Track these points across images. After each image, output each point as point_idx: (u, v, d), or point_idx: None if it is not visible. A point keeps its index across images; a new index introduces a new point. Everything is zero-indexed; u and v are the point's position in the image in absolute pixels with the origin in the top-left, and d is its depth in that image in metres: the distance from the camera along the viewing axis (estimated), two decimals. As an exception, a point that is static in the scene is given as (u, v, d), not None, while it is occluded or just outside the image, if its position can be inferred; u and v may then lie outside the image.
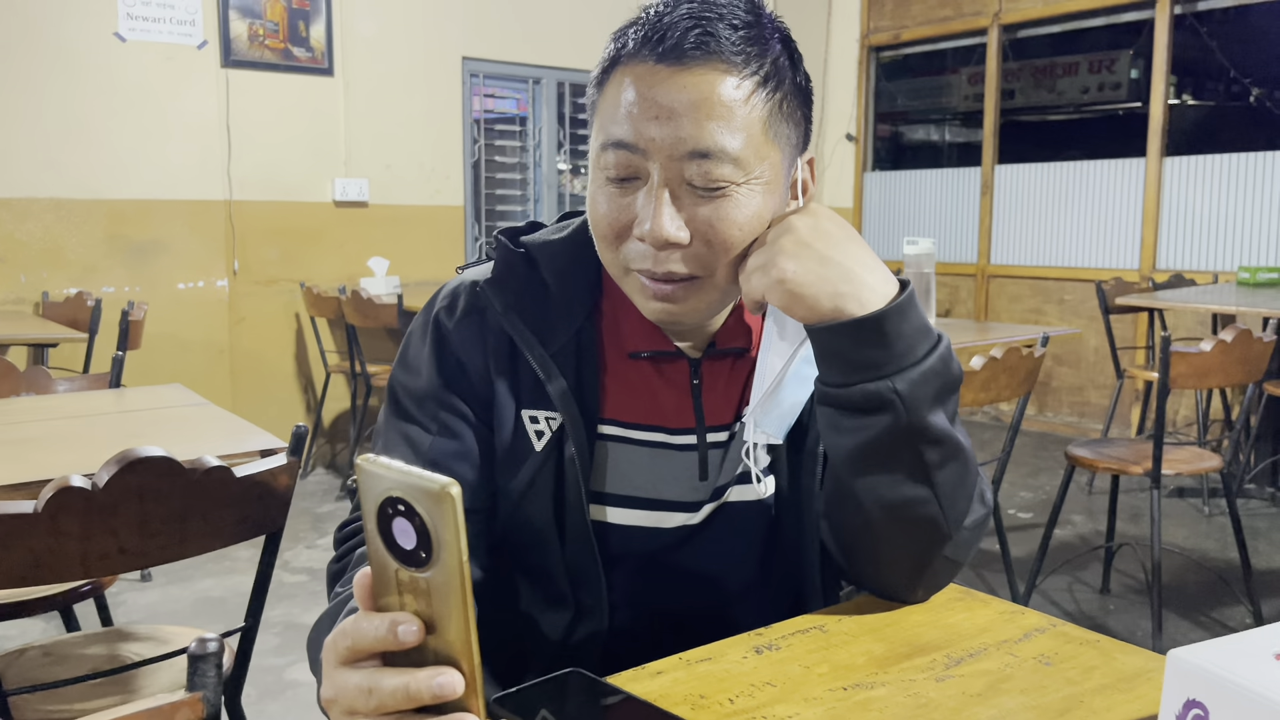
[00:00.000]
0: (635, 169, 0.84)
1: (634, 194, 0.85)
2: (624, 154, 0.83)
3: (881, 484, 0.83)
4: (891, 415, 0.80)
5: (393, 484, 0.57)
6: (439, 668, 0.58)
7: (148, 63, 4.28)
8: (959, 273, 5.96)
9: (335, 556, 0.92)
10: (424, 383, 0.92)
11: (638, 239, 0.85)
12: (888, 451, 0.82)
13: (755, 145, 0.83)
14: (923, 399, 0.80)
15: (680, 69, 0.81)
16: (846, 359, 0.80)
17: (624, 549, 0.94)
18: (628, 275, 0.88)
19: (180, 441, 1.65)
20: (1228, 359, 2.67)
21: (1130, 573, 3.36)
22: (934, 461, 0.82)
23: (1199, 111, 5.73)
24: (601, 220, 0.87)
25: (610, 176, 0.85)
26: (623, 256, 0.87)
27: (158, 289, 4.38)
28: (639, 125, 0.82)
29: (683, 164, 0.82)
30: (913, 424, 0.80)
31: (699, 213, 0.83)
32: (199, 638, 0.71)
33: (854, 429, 0.82)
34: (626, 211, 0.85)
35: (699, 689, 0.74)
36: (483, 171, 5.32)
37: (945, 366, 0.81)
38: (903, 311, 0.80)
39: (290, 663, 2.70)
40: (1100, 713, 0.71)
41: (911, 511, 0.83)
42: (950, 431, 0.83)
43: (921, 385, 0.80)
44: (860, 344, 0.80)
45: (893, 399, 0.79)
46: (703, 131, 0.81)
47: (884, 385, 0.79)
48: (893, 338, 0.79)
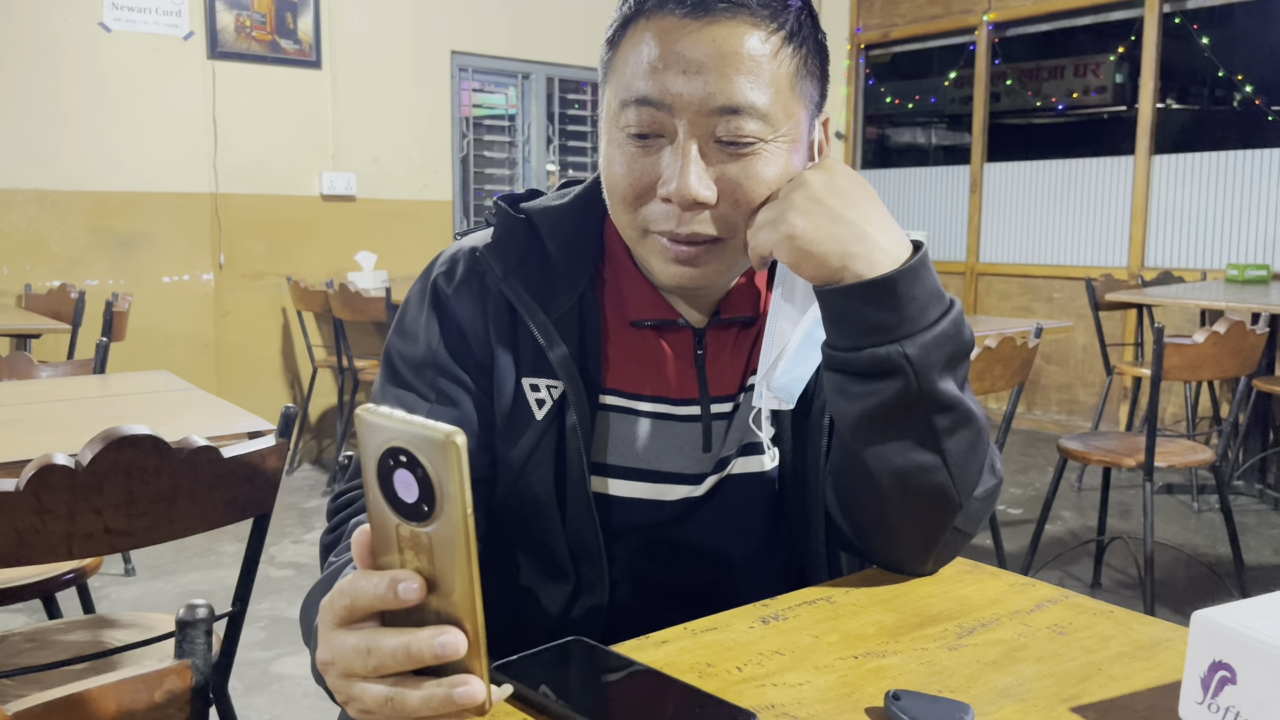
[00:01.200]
0: (659, 126, 0.81)
1: (656, 153, 0.82)
2: (648, 110, 0.80)
3: (890, 451, 0.81)
4: (901, 380, 0.78)
5: (394, 434, 0.54)
6: (441, 627, 0.56)
7: (133, 54, 4.23)
8: (948, 271, 5.96)
9: (328, 527, 0.90)
10: (421, 349, 0.90)
11: (662, 199, 0.82)
12: (897, 418, 0.79)
13: (783, 101, 0.81)
14: (933, 364, 0.78)
15: (708, 22, 0.79)
16: (855, 322, 0.78)
17: (626, 521, 0.92)
18: (646, 238, 0.85)
19: (166, 423, 1.62)
20: (1220, 351, 2.67)
21: (1121, 567, 3.36)
22: (944, 428, 0.80)
23: (1186, 110, 5.75)
24: (621, 180, 0.84)
25: (631, 133, 0.82)
26: (642, 218, 0.84)
27: (142, 282, 4.33)
28: (665, 80, 0.79)
29: (711, 120, 0.80)
30: (923, 390, 0.78)
31: (727, 171, 0.81)
32: (188, 604, 0.69)
33: (862, 394, 0.80)
34: (649, 171, 0.82)
35: (706, 657, 0.72)
36: (471, 167, 5.29)
37: (957, 331, 0.79)
38: (915, 274, 0.78)
39: (277, 655, 2.66)
40: (1121, 680, 0.69)
41: (921, 480, 0.81)
42: (961, 398, 0.81)
43: (933, 350, 0.78)
44: (870, 306, 0.77)
45: (902, 364, 0.77)
46: (732, 86, 0.79)
47: (894, 349, 0.77)
48: (904, 301, 0.77)
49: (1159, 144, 5.16)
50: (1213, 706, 0.61)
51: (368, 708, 0.57)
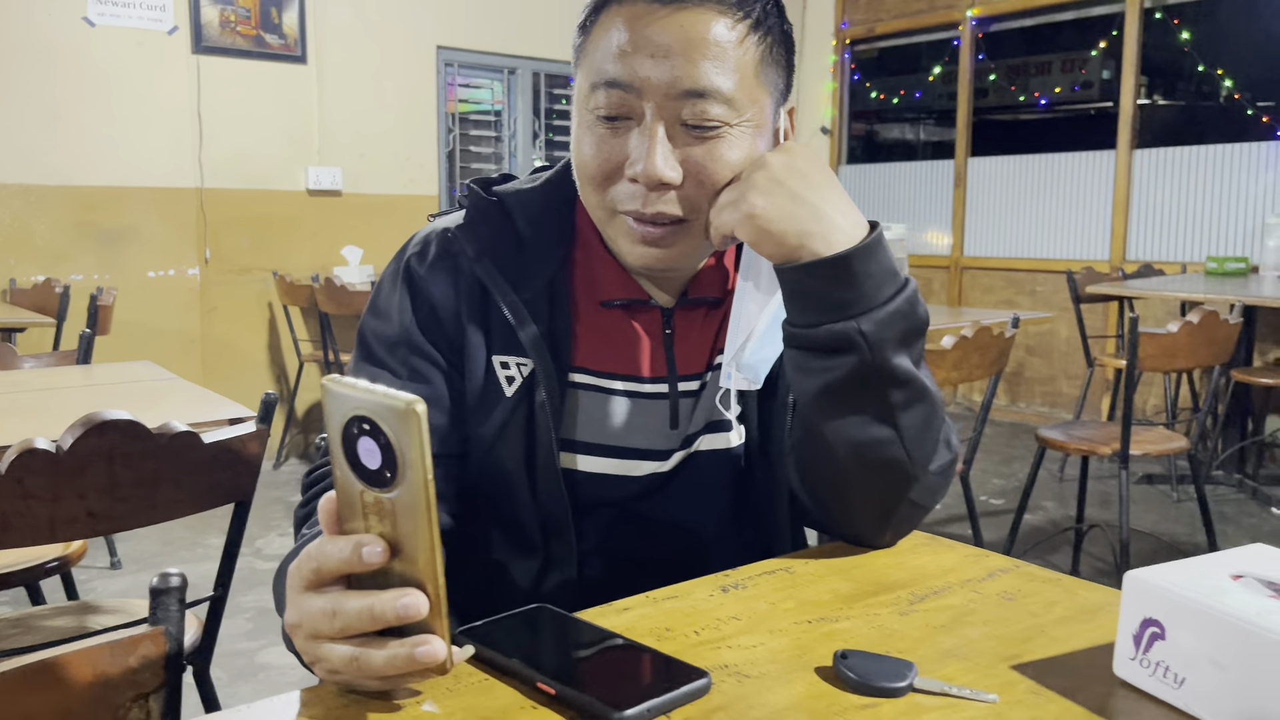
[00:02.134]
0: (628, 108, 0.84)
1: (624, 134, 0.85)
2: (616, 93, 0.83)
3: (847, 425, 0.84)
4: (857, 356, 0.80)
5: (358, 403, 0.57)
6: (403, 589, 0.58)
7: (117, 48, 4.23)
8: (933, 264, 6.00)
9: (302, 501, 0.92)
10: (394, 328, 0.92)
11: (629, 179, 0.85)
12: (853, 392, 0.82)
13: (748, 87, 0.84)
14: (888, 340, 0.81)
15: (676, 8, 0.82)
16: (813, 299, 0.81)
17: (594, 497, 0.94)
18: (613, 219, 0.88)
19: (148, 410, 1.64)
20: (1195, 340, 2.71)
21: (1099, 555, 3.40)
22: (898, 403, 0.83)
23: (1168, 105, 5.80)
24: (590, 161, 0.86)
25: (600, 115, 0.85)
26: (610, 199, 0.87)
27: (127, 277, 4.34)
28: (633, 63, 0.82)
29: (677, 103, 0.82)
30: (878, 364, 0.81)
31: (692, 153, 0.84)
32: (161, 572, 0.71)
33: (820, 370, 0.82)
34: (617, 152, 0.85)
35: (665, 623, 0.74)
36: (457, 162, 5.30)
37: (911, 309, 0.82)
38: (870, 252, 0.80)
39: (262, 646, 2.68)
40: (1061, 640, 0.71)
41: (877, 453, 0.84)
42: (915, 374, 0.83)
43: (887, 326, 0.80)
44: (827, 284, 0.80)
45: (858, 339, 0.80)
46: (698, 70, 0.82)
47: (850, 325, 0.80)
48: (859, 278, 0.80)
49: (1141, 138, 5.21)
50: (1144, 662, 0.64)
51: (334, 667, 0.60)
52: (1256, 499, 4.08)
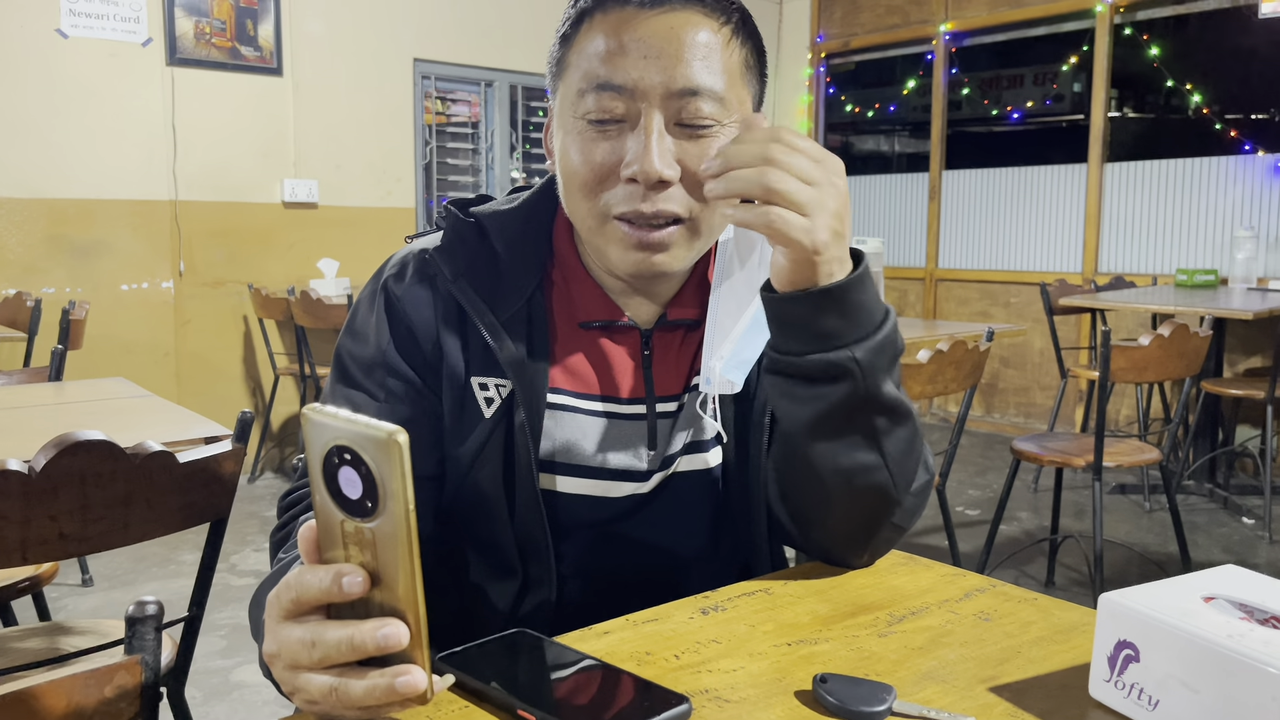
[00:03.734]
0: (621, 110, 0.84)
1: (617, 138, 0.85)
2: (609, 95, 0.84)
3: (836, 452, 0.84)
4: (850, 384, 0.80)
5: (339, 432, 0.57)
6: (384, 619, 0.58)
7: (91, 60, 4.20)
8: (908, 276, 6.04)
9: (278, 525, 0.91)
10: (371, 350, 0.92)
11: (626, 180, 0.85)
12: (842, 420, 0.82)
13: (735, 88, 0.86)
14: (879, 368, 0.81)
15: (662, 10, 0.84)
16: (806, 328, 0.80)
17: (573, 518, 0.94)
18: (606, 225, 0.87)
19: (122, 429, 1.62)
20: (1165, 353, 2.74)
21: (1073, 565, 3.43)
22: (883, 428, 0.83)
23: (1139, 119, 5.88)
24: (581, 167, 0.86)
25: (592, 120, 0.85)
26: (603, 204, 0.87)
27: (100, 290, 4.30)
28: (625, 65, 0.83)
29: (672, 102, 0.83)
30: (869, 392, 0.81)
31: (687, 151, 0.85)
32: (137, 600, 0.70)
33: (810, 398, 0.82)
34: (611, 155, 0.85)
35: (645, 646, 0.74)
36: (434, 174, 5.30)
37: (896, 335, 0.83)
38: (861, 282, 0.80)
39: (237, 664, 2.65)
40: (1037, 661, 0.72)
41: (863, 478, 0.84)
42: (899, 398, 0.84)
43: (878, 354, 0.81)
44: (822, 313, 0.79)
45: (853, 368, 0.80)
46: (691, 69, 0.83)
47: (844, 354, 0.79)
48: (853, 308, 0.80)
49: (1112, 152, 5.27)
50: (1119, 684, 0.64)
51: (313, 698, 0.59)
52: (1227, 508, 4.13)
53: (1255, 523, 3.92)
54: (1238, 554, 3.58)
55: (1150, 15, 5.16)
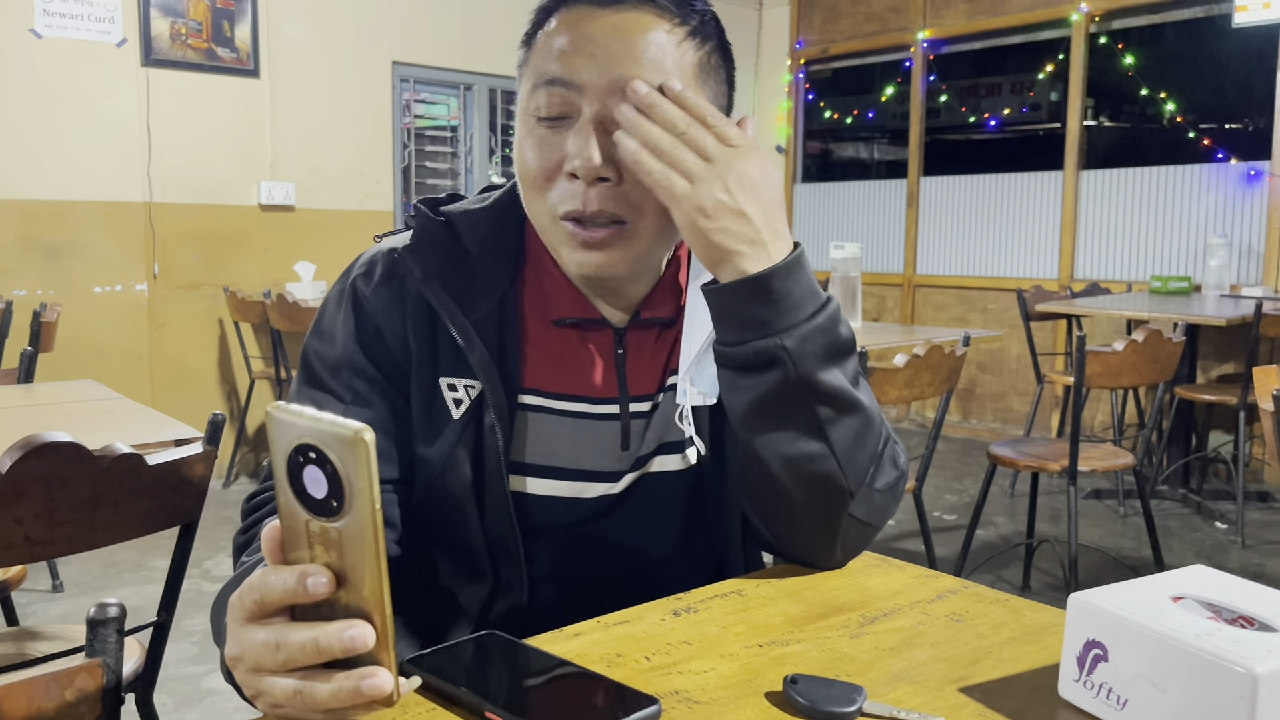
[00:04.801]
0: (568, 107, 0.84)
1: (564, 133, 0.85)
2: (556, 91, 0.84)
3: (779, 440, 0.84)
4: (781, 371, 0.81)
5: (304, 431, 0.56)
6: (349, 620, 0.57)
7: (65, 61, 4.16)
8: (886, 282, 6.07)
9: (242, 528, 0.90)
10: (339, 350, 0.91)
11: (568, 175, 0.85)
12: (781, 408, 0.83)
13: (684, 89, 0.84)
14: (810, 354, 0.81)
15: (614, 9, 0.84)
16: (737, 317, 0.82)
17: (544, 520, 0.93)
18: (555, 225, 0.87)
19: (91, 432, 1.60)
20: (1139, 359, 2.76)
21: (1049, 570, 3.45)
22: (827, 417, 0.83)
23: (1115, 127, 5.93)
24: (531, 163, 0.86)
25: (541, 116, 0.85)
26: (551, 202, 0.86)
27: (73, 292, 4.25)
28: (572, 61, 0.83)
29: (616, 99, 0.83)
30: (802, 379, 0.81)
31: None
32: (98, 603, 0.69)
33: (748, 387, 0.83)
34: (557, 150, 0.85)
35: (616, 648, 0.74)
36: (413, 177, 5.28)
37: (833, 325, 0.83)
38: (790, 271, 0.81)
39: (208, 670, 2.62)
40: (1008, 662, 0.72)
41: (809, 467, 0.84)
42: (845, 389, 0.83)
43: (809, 342, 0.81)
44: (749, 302, 0.81)
45: (781, 355, 0.81)
46: (638, 68, 0.83)
47: (772, 342, 0.81)
48: (780, 296, 0.81)
49: (1088, 160, 5.32)
50: (1088, 684, 0.64)
51: (277, 701, 0.58)
52: (1201, 513, 4.16)
53: (1228, 527, 3.96)
54: (1211, 559, 3.61)
55: (1125, 24, 5.22)
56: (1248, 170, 4.74)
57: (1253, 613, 0.63)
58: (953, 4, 5.72)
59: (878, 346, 2.80)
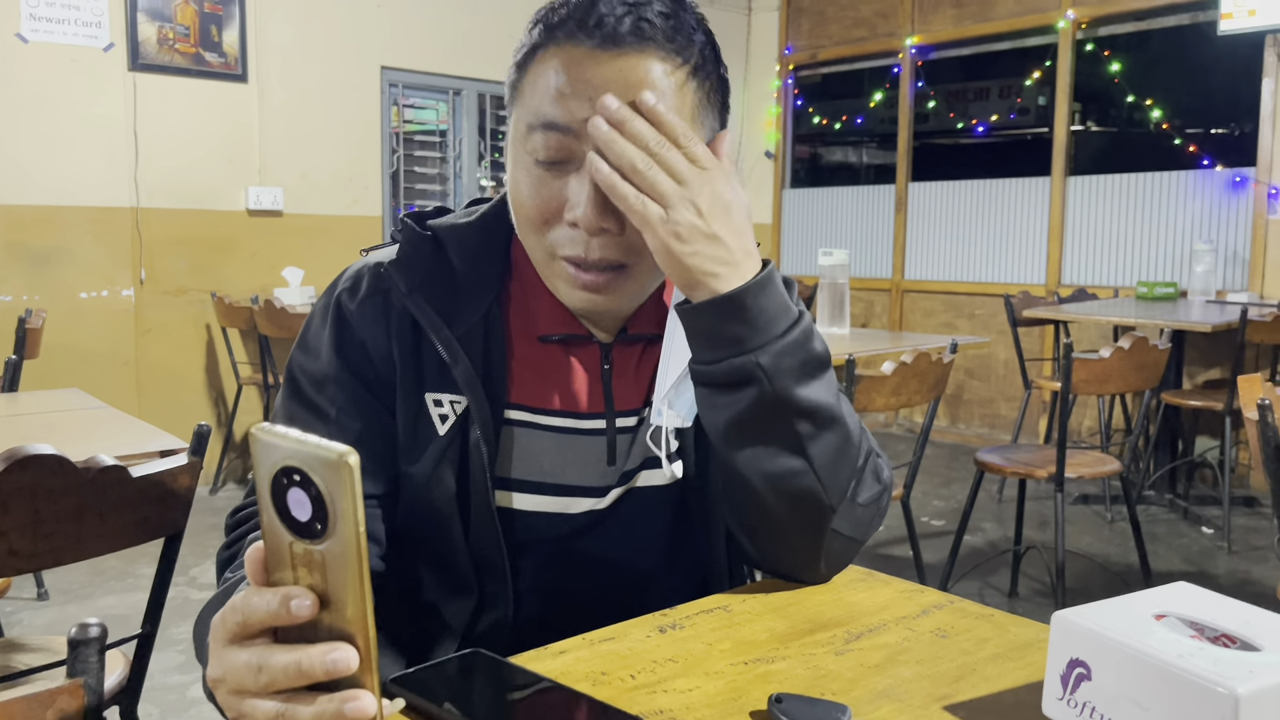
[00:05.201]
0: (567, 152, 0.83)
1: (563, 178, 0.84)
2: (555, 136, 0.82)
3: (757, 458, 0.84)
4: (757, 388, 0.81)
5: (288, 453, 0.55)
6: (333, 643, 0.56)
7: (51, 65, 4.14)
8: (874, 287, 6.08)
9: (226, 543, 0.89)
10: (324, 365, 0.90)
11: (569, 224, 0.84)
12: (759, 425, 0.83)
13: None
14: (786, 371, 0.82)
15: (616, 53, 0.81)
16: (711, 335, 0.82)
17: (530, 535, 0.93)
18: (553, 262, 0.87)
19: (76, 442, 1.59)
20: (1126, 365, 2.77)
21: (1037, 576, 3.46)
22: (806, 433, 0.83)
23: (1102, 133, 5.97)
24: (528, 204, 0.85)
25: (539, 159, 0.84)
26: (549, 242, 0.86)
27: (59, 298, 4.23)
28: (572, 107, 0.81)
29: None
30: (779, 396, 0.81)
31: None
32: (79, 623, 0.69)
33: (725, 405, 0.83)
34: (556, 195, 0.84)
35: (601, 666, 0.74)
36: (402, 182, 5.27)
37: (807, 340, 0.83)
38: (762, 289, 0.81)
39: (194, 680, 2.61)
40: (992, 679, 0.72)
41: (790, 483, 0.84)
42: (824, 405, 0.83)
43: (784, 358, 0.81)
44: (722, 320, 0.81)
45: (756, 372, 0.81)
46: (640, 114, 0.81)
47: (747, 360, 0.81)
48: (752, 313, 0.81)
49: (1075, 165, 5.34)
50: (1071, 702, 0.65)
51: (259, 723, 0.58)
52: (1187, 519, 4.18)
53: (1214, 533, 3.98)
54: (1197, 564, 3.63)
55: (1112, 31, 5.25)
56: (1233, 176, 4.77)
57: (1235, 631, 0.63)
58: (941, 10, 5.74)
59: (865, 354, 2.80)
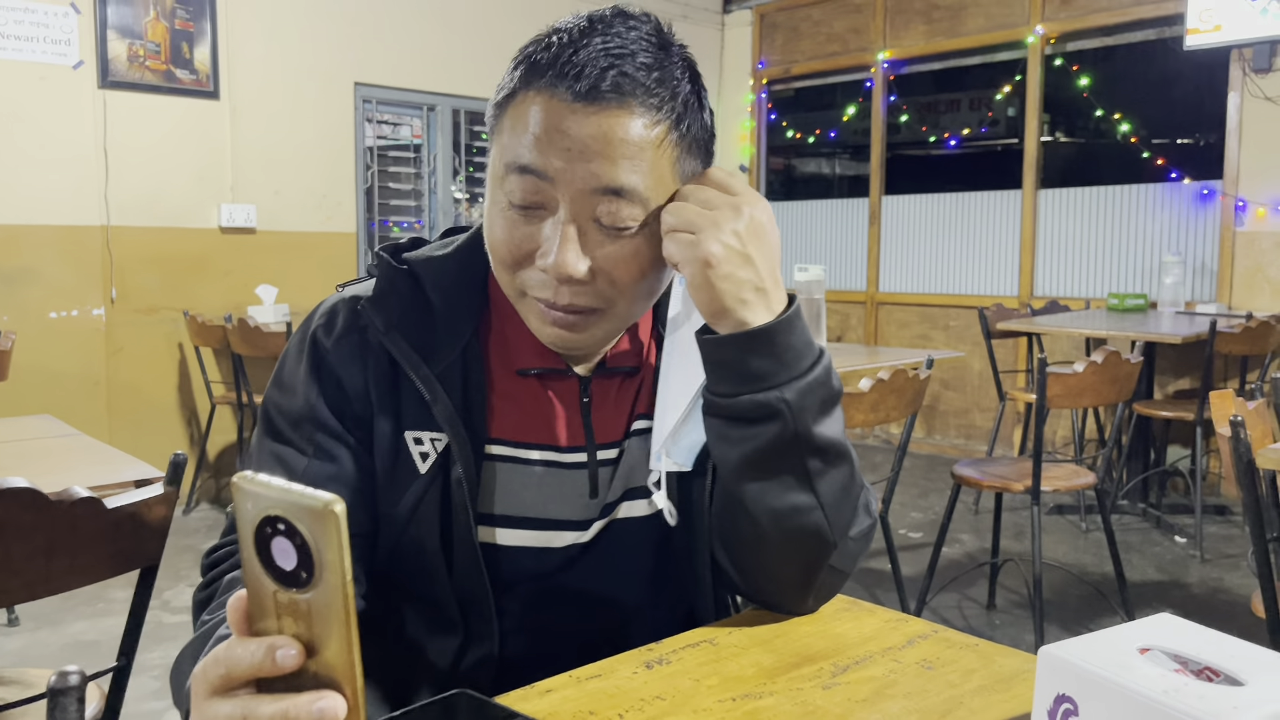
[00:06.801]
0: (542, 197, 0.82)
1: (538, 223, 0.83)
2: (531, 180, 0.81)
3: (767, 493, 0.84)
4: (779, 424, 0.81)
5: (272, 502, 0.55)
6: (319, 691, 0.56)
7: (18, 83, 4.09)
8: (849, 300, 6.11)
9: (202, 584, 0.88)
10: (300, 403, 0.89)
11: (540, 269, 0.84)
12: (773, 460, 0.83)
13: (664, 185, 0.83)
14: (809, 409, 0.82)
15: (595, 108, 0.80)
16: (736, 369, 0.82)
17: (514, 571, 0.92)
18: (524, 299, 0.87)
19: (48, 473, 1.57)
20: (1099, 379, 2.80)
21: (1014, 588, 3.48)
22: (816, 470, 0.84)
23: (1072, 145, 6.04)
24: (501, 245, 0.85)
25: (514, 202, 0.83)
26: (520, 281, 0.86)
27: (27, 318, 4.17)
28: (549, 156, 0.80)
29: (592, 200, 0.81)
30: (799, 433, 0.82)
31: (604, 251, 0.83)
32: (59, 670, 0.68)
33: (741, 439, 0.83)
34: (529, 240, 0.84)
35: (589, 705, 0.73)
36: (376, 198, 5.24)
37: (828, 377, 0.84)
38: (791, 325, 0.82)
39: (168, 706, 2.57)
40: (979, 712, 0.72)
41: (797, 520, 0.84)
42: (835, 441, 0.84)
43: (808, 395, 0.82)
44: (750, 355, 0.81)
45: (781, 408, 0.81)
46: (616, 169, 0.80)
47: (773, 395, 0.81)
48: (781, 349, 0.81)
49: (1045, 178, 5.40)
50: (1059, 738, 0.65)
51: (245, 775, 0.57)
52: (1160, 528, 4.22)
53: (1187, 541, 4.02)
54: (1171, 574, 3.66)
55: (1080, 46, 5.31)
56: (1201, 189, 4.84)
57: (1218, 665, 0.64)
58: (912, 26, 5.80)
59: (843, 370, 2.81)
